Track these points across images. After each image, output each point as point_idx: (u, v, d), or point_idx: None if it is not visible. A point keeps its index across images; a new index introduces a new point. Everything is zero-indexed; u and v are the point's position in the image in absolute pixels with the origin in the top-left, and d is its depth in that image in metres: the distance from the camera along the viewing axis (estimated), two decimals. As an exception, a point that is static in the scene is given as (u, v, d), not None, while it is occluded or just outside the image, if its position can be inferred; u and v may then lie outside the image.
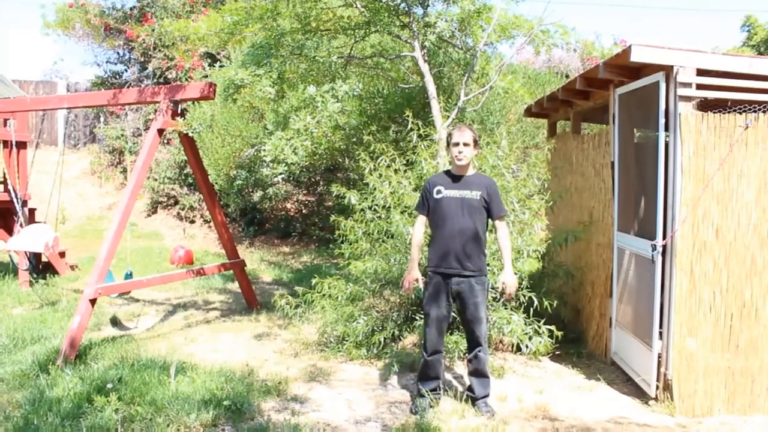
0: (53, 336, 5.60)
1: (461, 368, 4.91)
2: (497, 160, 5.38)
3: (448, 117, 6.03)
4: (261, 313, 6.74)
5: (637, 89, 4.52)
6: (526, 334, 4.91)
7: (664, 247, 4.13)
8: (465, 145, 4.04)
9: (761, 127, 4.03)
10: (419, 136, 5.64)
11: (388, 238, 5.35)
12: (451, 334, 5.12)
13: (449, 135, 4.20)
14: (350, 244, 5.52)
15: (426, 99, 6.25)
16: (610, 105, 4.98)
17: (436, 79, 6.55)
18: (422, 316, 4.95)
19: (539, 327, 4.91)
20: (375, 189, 5.42)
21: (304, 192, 13.14)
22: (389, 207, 5.33)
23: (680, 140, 4.01)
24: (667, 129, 4.11)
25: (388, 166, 5.51)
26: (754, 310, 4.06)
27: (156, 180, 13.21)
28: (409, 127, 5.76)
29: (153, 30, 13.04)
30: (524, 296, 5.02)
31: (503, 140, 5.52)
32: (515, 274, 4.95)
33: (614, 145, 4.92)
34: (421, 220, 4.22)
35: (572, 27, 6.45)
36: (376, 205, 5.41)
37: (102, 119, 15.31)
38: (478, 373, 4.15)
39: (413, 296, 5.00)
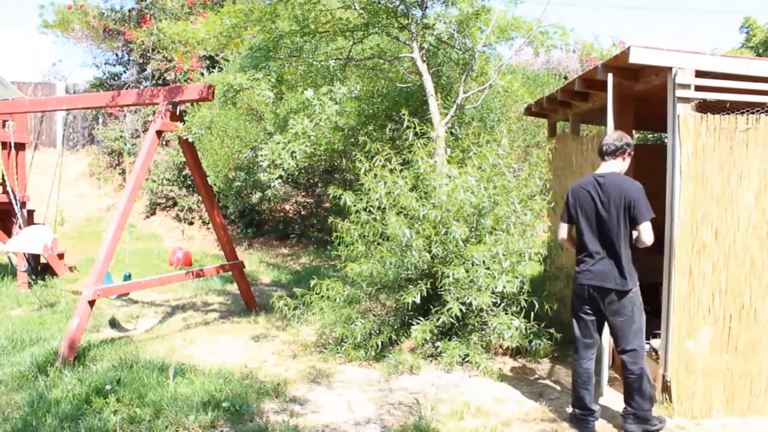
0: (52, 337, 5.59)
1: (460, 373, 4.92)
2: (497, 159, 5.34)
3: (447, 114, 6.02)
4: (260, 315, 6.73)
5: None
6: (527, 338, 4.91)
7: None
8: None
9: (761, 129, 4.02)
10: (416, 134, 5.59)
11: (383, 240, 5.30)
12: (449, 339, 5.11)
13: (627, 144, 3.89)
14: (346, 246, 5.50)
15: (424, 96, 6.24)
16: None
17: (434, 77, 6.54)
18: (419, 322, 4.97)
19: (540, 331, 4.92)
20: (370, 190, 5.39)
21: (302, 193, 13.13)
22: (384, 208, 5.31)
23: (679, 142, 4.01)
24: (666, 131, 4.12)
25: (383, 166, 5.47)
26: (753, 312, 4.06)
27: (155, 181, 13.19)
28: (405, 125, 5.70)
29: (152, 33, 13.03)
30: (525, 300, 5.01)
31: (504, 138, 5.45)
32: (516, 277, 4.96)
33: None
34: None
35: (571, 28, 6.49)
36: (371, 206, 5.38)
37: (101, 121, 15.30)
38: None
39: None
